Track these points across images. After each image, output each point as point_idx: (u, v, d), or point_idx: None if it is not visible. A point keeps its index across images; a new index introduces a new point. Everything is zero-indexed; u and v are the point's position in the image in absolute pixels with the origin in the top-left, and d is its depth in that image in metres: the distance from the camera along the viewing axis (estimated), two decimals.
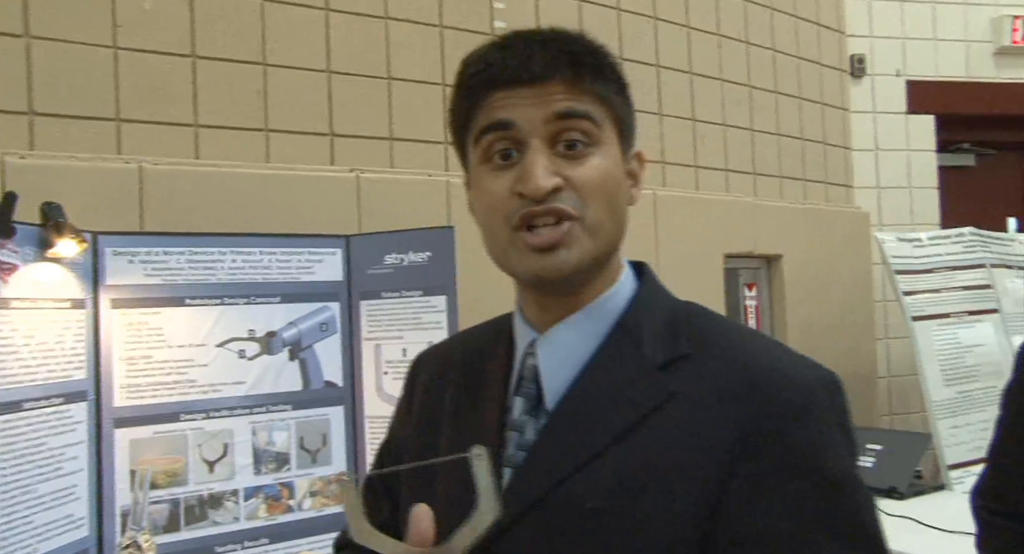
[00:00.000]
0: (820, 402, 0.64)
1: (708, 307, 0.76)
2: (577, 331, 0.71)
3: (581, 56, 0.69)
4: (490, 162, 0.69)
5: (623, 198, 0.72)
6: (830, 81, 3.41)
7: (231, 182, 1.89)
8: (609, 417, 0.66)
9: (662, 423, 0.65)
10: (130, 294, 1.56)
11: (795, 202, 3.21)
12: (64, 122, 1.75)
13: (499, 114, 0.68)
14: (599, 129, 0.69)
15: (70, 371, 1.45)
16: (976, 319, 2.75)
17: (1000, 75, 3.60)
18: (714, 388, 0.65)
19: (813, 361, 0.68)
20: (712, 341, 0.69)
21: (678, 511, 0.62)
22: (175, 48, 1.88)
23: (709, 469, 0.62)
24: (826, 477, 0.62)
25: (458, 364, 0.81)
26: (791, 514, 0.60)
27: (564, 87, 0.67)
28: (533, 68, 0.67)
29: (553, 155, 0.67)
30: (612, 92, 0.71)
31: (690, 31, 2.91)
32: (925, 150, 3.52)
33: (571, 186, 0.67)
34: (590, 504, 0.64)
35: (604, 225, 0.68)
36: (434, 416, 0.80)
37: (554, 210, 0.66)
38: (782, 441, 0.62)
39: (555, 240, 0.66)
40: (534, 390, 0.71)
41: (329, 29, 2.10)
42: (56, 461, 1.40)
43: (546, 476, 0.66)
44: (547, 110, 0.67)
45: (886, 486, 2.35)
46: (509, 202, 0.67)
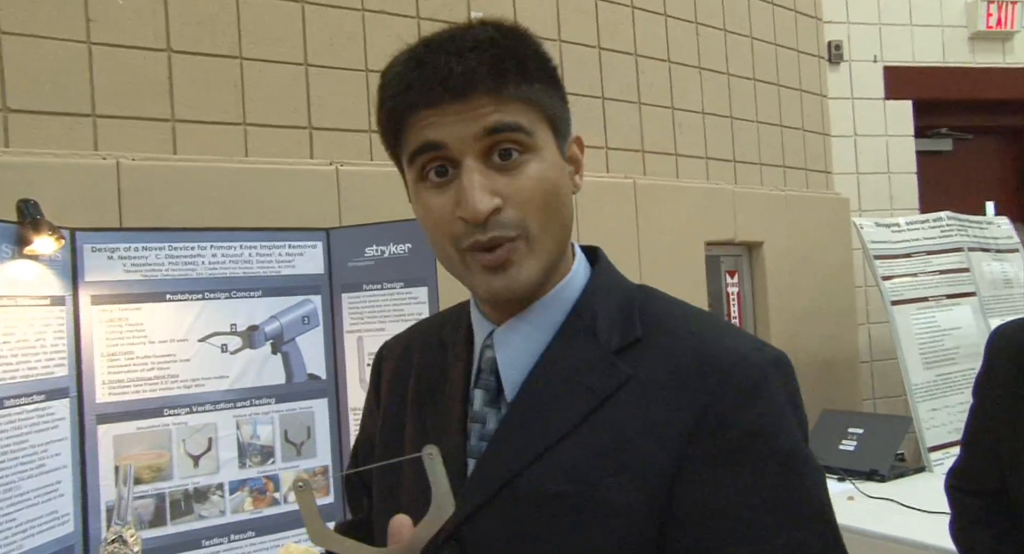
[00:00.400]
0: (771, 381, 0.65)
1: (660, 290, 0.78)
2: (533, 323, 0.72)
3: (502, 61, 0.67)
4: (427, 180, 0.68)
5: (564, 198, 0.70)
6: (808, 68, 3.43)
7: (209, 177, 1.88)
8: (567, 404, 0.68)
9: (619, 407, 0.66)
10: (110, 290, 1.55)
11: (775, 189, 3.24)
12: (39, 118, 1.74)
13: (428, 135, 0.66)
14: (531, 136, 0.67)
15: (51, 368, 1.44)
16: (954, 302, 2.79)
17: (975, 60, 3.64)
18: (667, 370, 0.66)
19: (762, 341, 0.69)
20: (664, 324, 0.70)
21: (637, 493, 0.63)
22: (150, 43, 1.87)
23: (666, 450, 0.63)
24: (778, 455, 0.63)
25: (419, 355, 0.82)
26: (745, 491, 0.61)
27: (488, 98, 0.65)
28: (454, 85, 0.65)
29: (488, 169, 0.66)
30: (540, 91, 0.69)
31: (668, 19, 2.92)
32: (903, 135, 3.55)
33: (510, 203, 0.66)
34: (552, 489, 0.65)
35: (548, 236, 0.68)
36: (399, 408, 0.81)
37: (497, 239, 0.66)
38: (735, 421, 0.63)
39: (504, 258, 0.66)
40: (493, 382, 0.73)
41: (305, 22, 2.10)
42: (39, 458, 1.40)
43: (508, 464, 0.68)
44: (475, 127, 0.65)
45: (867, 469, 2.39)
46: (453, 224, 0.67)
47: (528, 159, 0.67)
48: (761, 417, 0.63)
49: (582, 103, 2.65)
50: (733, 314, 3.16)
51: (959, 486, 1.30)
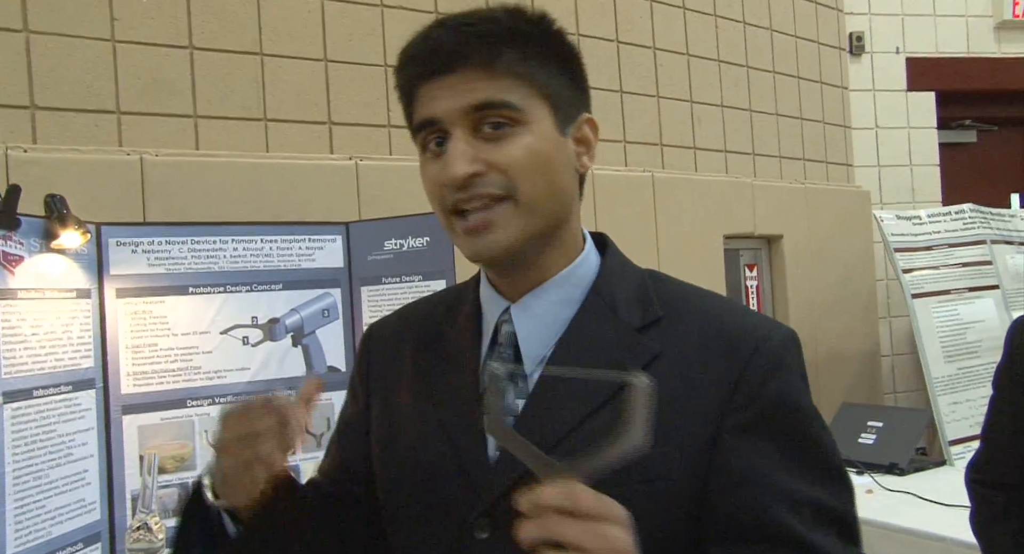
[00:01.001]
0: (790, 356, 0.70)
1: (668, 274, 0.80)
2: (550, 299, 0.74)
3: (497, 35, 0.69)
4: (427, 151, 0.72)
5: (562, 171, 0.72)
6: (829, 60, 3.40)
7: (231, 172, 1.91)
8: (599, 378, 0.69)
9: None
10: (134, 283, 1.58)
11: (795, 182, 3.21)
12: (65, 115, 1.77)
13: (424, 111, 0.71)
14: (521, 112, 0.69)
15: (77, 359, 1.48)
16: (976, 295, 2.76)
17: (1001, 50, 3.58)
18: (695, 347, 0.70)
19: (774, 319, 0.74)
20: (681, 304, 0.74)
21: (677, 462, 0.67)
22: (172, 40, 1.90)
23: (702, 421, 0.68)
24: (802, 422, 0.69)
25: (415, 334, 0.82)
26: (776, 456, 0.67)
27: (479, 72, 0.68)
28: (443, 57, 0.68)
29: (477, 139, 0.69)
30: (537, 67, 0.70)
31: (686, 12, 2.91)
32: (926, 127, 3.51)
33: (495, 169, 0.68)
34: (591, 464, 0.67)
35: (539, 201, 0.69)
36: (396, 386, 0.81)
37: (478, 195, 0.68)
38: (764, 393, 0.68)
39: (481, 223, 0.69)
40: (511, 355, 0.74)
41: (325, 18, 2.12)
42: (66, 447, 1.43)
43: (542, 437, 0.67)
44: (464, 101, 0.68)
45: (887, 462, 2.37)
46: (441, 190, 0.70)
47: (519, 132, 0.69)
48: (786, 388, 0.69)
49: (600, 97, 2.64)
50: (752, 308, 3.15)
51: (980, 479, 1.29)
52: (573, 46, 0.75)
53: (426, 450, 0.74)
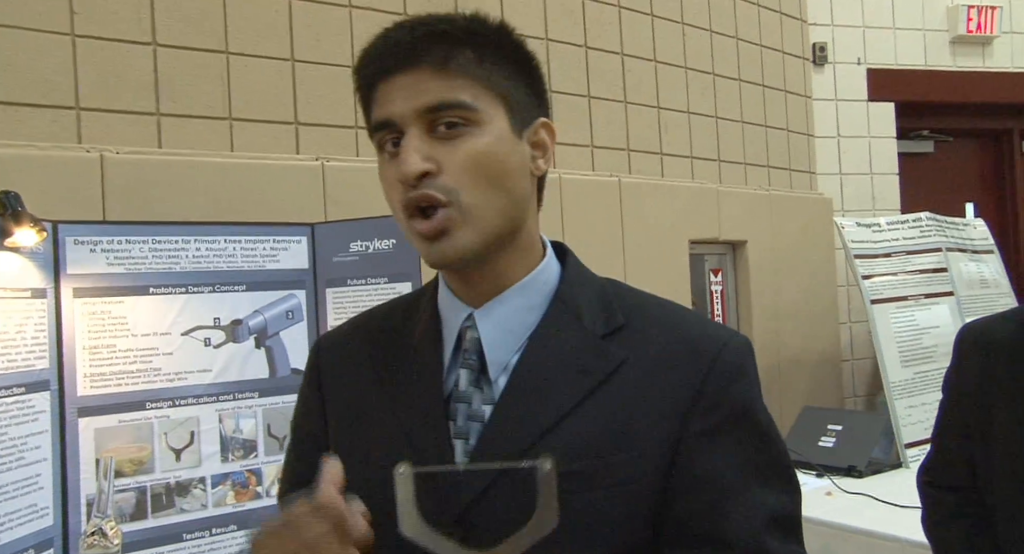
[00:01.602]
0: (748, 363, 0.73)
1: (629, 284, 0.81)
2: (514, 305, 0.74)
3: (452, 36, 0.70)
4: (384, 152, 0.73)
5: (516, 174, 0.72)
6: (792, 69, 3.46)
7: (195, 171, 1.88)
8: (564, 385, 0.70)
9: (618, 387, 0.70)
10: (92, 283, 1.55)
11: (759, 188, 3.26)
12: (22, 110, 1.73)
13: (380, 113, 0.71)
14: (475, 112, 0.69)
15: (31, 361, 1.44)
16: (932, 302, 2.83)
17: (956, 63, 3.68)
18: (658, 354, 0.72)
19: (728, 326, 0.75)
20: (641, 312, 0.75)
21: (643, 466, 0.69)
22: (135, 36, 1.87)
23: (666, 427, 0.69)
24: (759, 426, 0.72)
25: (371, 345, 0.81)
26: (734, 458, 0.69)
27: (433, 72, 0.69)
28: (398, 56, 0.69)
29: (431, 138, 0.69)
30: (493, 69, 0.71)
31: (654, 19, 2.94)
32: (886, 137, 3.60)
33: (445, 171, 0.68)
34: (564, 467, 0.66)
35: (484, 207, 0.69)
36: (354, 397, 0.80)
37: (424, 196, 0.68)
38: (726, 398, 0.71)
39: (435, 229, 0.69)
40: (476, 361, 0.74)
41: (292, 17, 2.10)
42: (18, 451, 1.39)
43: (511, 444, 0.69)
44: (418, 102, 0.69)
45: (845, 465, 2.42)
46: (396, 189, 0.70)
47: (472, 132, 0.69)
48: (745, 394, 0.72)
49: (568, 102, 2.66)
50: (717, 312, 3.18)
51: (931, 481, 1.31)
52: (530, 52, 0.76)
53: (389, 460, 0.71)
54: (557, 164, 2.61)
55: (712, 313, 3.17)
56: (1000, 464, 1.16)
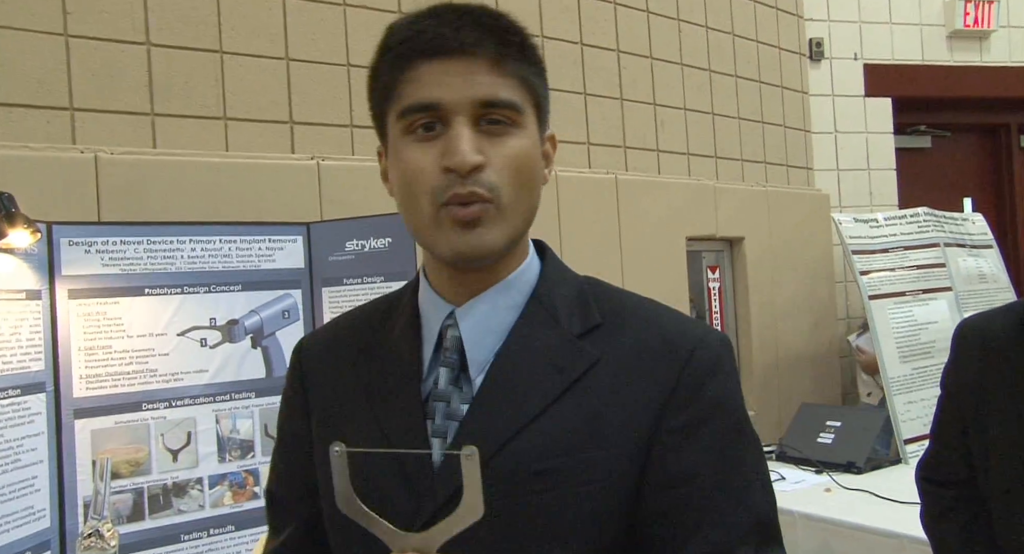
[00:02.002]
0: (725, 359, 0.73)
1: (609, 282, 0.81)
2: (495, 303, 0.74)
3: (507, 33, 0.70)
4: (412, 134, 0.69)
5: (537, 179, 0.73)
6: (789, 65, 3.45)
7: (190, 171, 1.87)
8: (540, 383, 0.70)
9: (592, 386, 0.70)
10: (87, 284, 1.55)
11: (756, 185, 3.26)
12: (16, 111, 1.72)
13: (426, 93, 0.67)
14: (521, 114, 0.70)
15: (27, 362, 1.44)
16: (930, 297, 2.82)
17: (953, 58, 3.68)
18: (633, 352, 0.72)
19: (707, 324, 0.74)
20: (618, 310, 0.75)
21: (617, 463, 0.68)
22: (129, 36, 1.86)
23: (640, 424, 0.69)
24: (734, 422, 0.71)
25: (351, 345, 0.81)
26: (709, 453, 0.69)
27: (489, 64, 0.68)
28: (463, 38, 0.67)
29: (477, 131, 0.68)
30: (533, 74, 0.71)
31: (650, 15, 2.93)
32: (883, 132, 3.59)
33: (491, 166, 0.68)
34: (535, 466, 0.67)
35: (518, 208, 0.70)
36: (335, 399, 0.79)
37: (474, 194, 0.67)
38: (700, 395, 0.70)
39: (477, 215, 0.67)
40: (456, 360, 0.73)
41: (287, 16, 2.09)
42: (14, 453, 1.39)
43: (486, 442, 0.68)
44: (472, 93, 0.67)
45: (844, 461, 2.42)
46: (435, 177, 0.67)
47: (515, 132, 0.69)
48: (721, 390, 0.71)
49: (564, 99, 2.65)
50: (714, 309, 3.18)
51: (928, 477, 1.32)
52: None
53: (369, 460, 0.71)
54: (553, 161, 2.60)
55: (710, 310, 3.17)
56: (997, 457, 1.17)
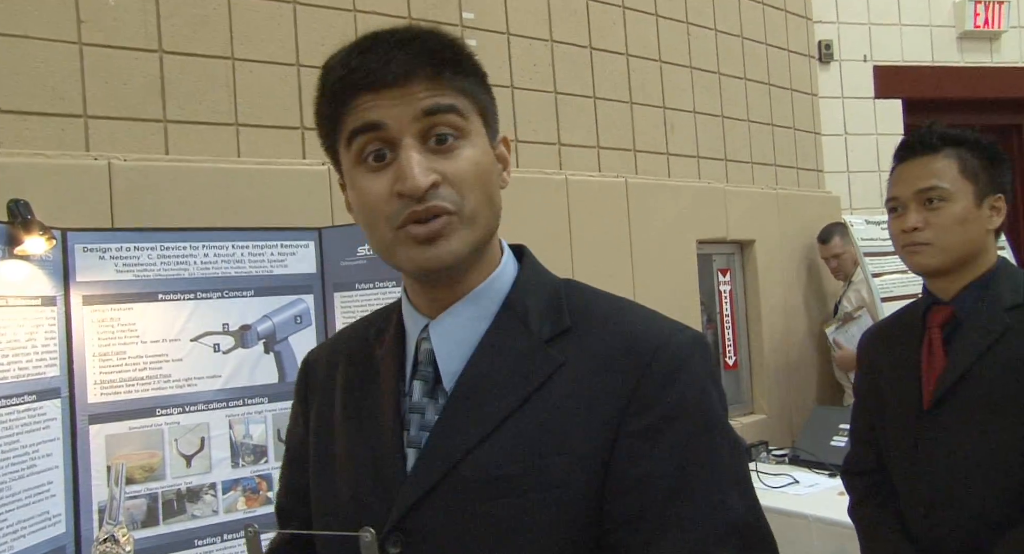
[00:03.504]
0: (693, 360, 0.70)
1: (585, 283, 0.81)
2: (467, 315, 0.75)
3: (440, 52, 0.71)
4: (364, 164, 0.70)
5: (495, 186, 0.74)
6: (798, 67, 3.45)
7: (202, 177, 1.88)
8: (504, 391, 0.71)
9: (554, 392, 0.70)
10: (101, 290, 1.55)
11: (766, 187, 3.25)
12: (31, 119, 1.74)
13: (367, 116, 0.69)
14: (466, 121, 0.71)
15: (42, 368, 1.44)
16: None
17: (964, 59, 3.66)
18: (597, 356, 0.71)
19: (681, 323, 0.74)
20: (591, 313, 0.75)
21: (578, 468, 0.68)
22: (141, 43, 1.87)
23: (602, 428, 0.69)
24: (701, 425, 0.69)
25: (347, 356, 0.83)
26: (673, 458, 0.67)
27: (426, 84, 0.69)
28: (394, 70, 0.68)
29: (426, 151, 0.69)
30: (473, 84, 0.73)
31: (659, 19, 2.94)
32: (893, 134, 3.58)
33: (447, 181, 0.69)
34: (497, 472, 0.68)
35: (481, 214, 0.71)
36: (330, 412, 0.81)
37: (434, 208, 0.68)
38: (663, 398, 0.68)
39: (436, 231, 0.69)
40: (431, 373, 0.75)
41: (297, 22, 2.10)
42: (30, 458, 1.39)
43: (451, 451, 0.70)
44: (413, 107, 0.68)
45: None
46: (391, 203, 0.69)
47: (463, 144, 0.70)
48: (685, 392, 0.69)
49: (574, 103, 2.65)
50: (725, 312, 3.17)
51: (847, 470, 1.43)
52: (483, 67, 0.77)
53: (352, 472, 0.75)
54: (563, 165, 2.61)
55: (721, 313, 3.16)
56: (889, 438, 1.30)
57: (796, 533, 2.08)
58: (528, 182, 2.44)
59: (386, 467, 0.73)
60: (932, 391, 1.23)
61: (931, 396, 1.23)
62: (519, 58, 2.49)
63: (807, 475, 2.41)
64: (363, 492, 0.74)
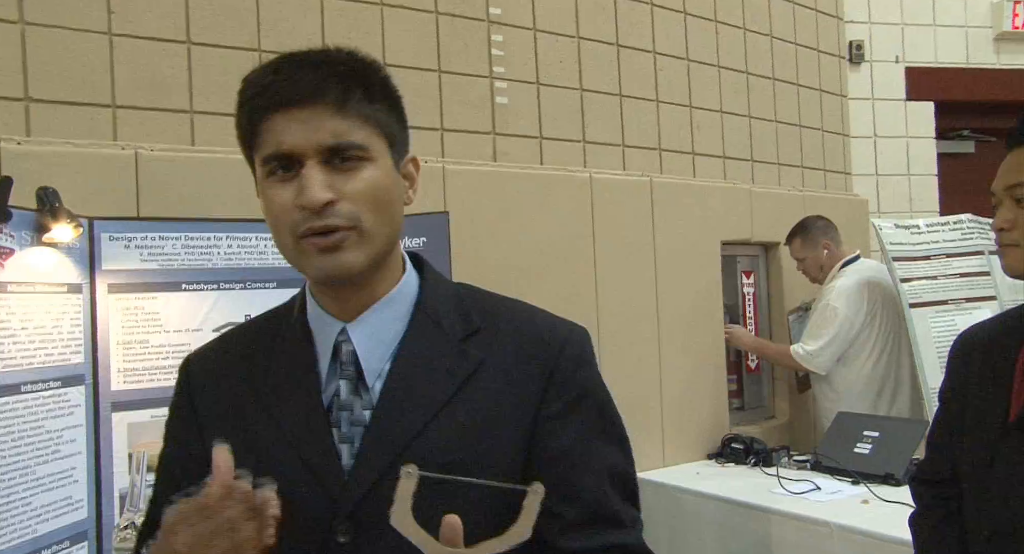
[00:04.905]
0: (587, 350, 0.85)
1: (477, 286, 0.89)
2: (383, 317, 0.82)
3: (349, 77, 0.76)
4: (274, 175, 0.76)
5: (395, 204, 0.80)
6: (828, 68, 3.40)
7: (227, 168, 1.89)
8: (433, 386, 0.79)
9: (480, 385, 0.80)
10: (126, 279, 1.57)
11: (793, 189, 3.21)
12: (60, 108, 1.75)
13: (277, 145, 0.75)
14: (367, 150, 0.76)
15: (67, 355, 1.46)
16: (974, 306, 2.75)
17: (1000, 61, 3.59)
18: (511, 351, 0.82)
19: (570, 320, 0.86)
20: (494, 314, 0.85)
21: (508, 450, 0.79)
22: (170, 34, 1.89)
23: (524, 414, 0.80)
24: (600, 404, 0.84)
25: (241, 363, 0.85)
26: (581, 431, 0.81)
27: (333, 109, 0.75)
28: (302, 91, 0.74)
29: (329, 169, 0.75)
30: (380, 110, 0.78)
31: (687, 17, 2.91)
32: (924, 137, 3.52)
33: (345, 198, 0.75)
34: (440, 459, 0.75)
35: (378, 230, 0.77)
36: (231, 413, 0.83)
37: (330, 226, 0.74)
38: (571, 383, 0.82)
39: (333, 244, 0.75)
40: (353, 371, 0.80)
41: (324, 14, 2.10)
42: (54, 444, 1.41)
43: (392, 443, 0.77)
44: (318, 139, 0.74)
45: (882, 472, 2.36)
46: (292, 213, 0.75)
47: (364, 165, 0.76)
48: (588, 378, 0.84)
49: (599, 100, 2.64)
50: (749, 314, 3.14)
51: (916, 477, 1.35)
52: (398, 90, 0.83)
53: (276, 469, 0.76)
54: (588, 163, 2.59)
55: (744, 315, 3.12)
56: (966, 450, 1.20)
57: (818, 540, 2.05)
58: (552, 179, 2.42)
59: (319, 463, 0.77)
60: (1021, 405, 1.11)
61: (1018, 410, 1.11)
62: (545, 54, 2.47)
63: (829, 481, 2.37)
64: (292, 489, 0.75)
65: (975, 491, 1.17)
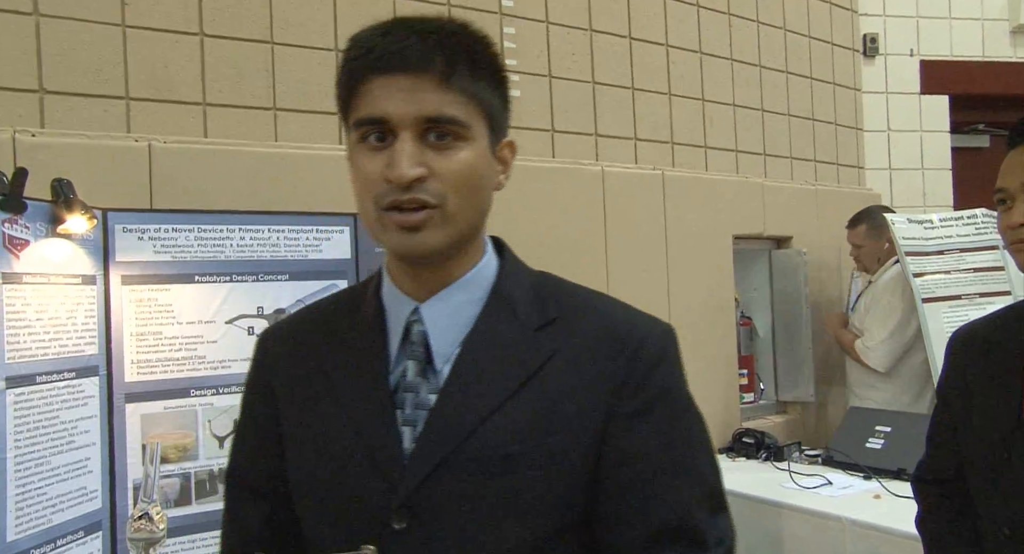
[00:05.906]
0: (670, 349, 0.80)
1: (558, 276, 0.86)
2: (457, 299, 0.79)
3: (456, 50, 0.73)
4: (365, 142, 0.74)
5: (486, 188, 0.78)
6: (842, 61, 3.37)
7: (239, 161, 1.89)
8: (503, 374, 0.77)
9: (550, 376, 0.77)
10: (140, 271, 1.57)
11: (805, 183, 3.19)
12: (74, 100, 1.76)
13: (373, 108, 0.73)
14: (466, 129, 0.74)
15: (82, 346, 1.46)
16: (987, 301, 2.73)
17: (1017, 54, 3.55)
18: (587, 344, 0.78)
19: (655, 316, 0.82)
20: (573, 305, 0.82)
21: (575, 446, 0.75)
22: (183, 27, 1.89)
23: (594, 411, 0.76)
24: (681, 406, 0.79)
25: (315, 338, 0.84)
26: (660, 435, 0.77)
27: (436, 81, 0.72)
28: (409, 58, 0.72)
29: (423, 145, 0.73)
30: (484, 87, 0.76)
31: (700, 10, 2.89)
32: (938, 131, 3.49)
33: (435, 176, 0.72)
34: (502, 450, 0.73)
35: (462, 214, 0.75)
36: (304, 390, 0.82)
37: (416, 200, 0.72)
38: (649, 382, 0.77)
39: (415, 222, 0.73)
40: (422, 353, 0.78)
41: (337, 8, 2.10)
42: (69, 434, 1.42)
43: (456, 429, 0.75)
44: (418, 109, 0.72)
45: (895, 468, 2.35)
46: (379, 184, 0.73)
47: (460, 146, 0.74)
48: (667, 377, 0.79)
49: (612, 93, 2.62)
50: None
51: (920, 477, 1.33)
52: (506, 69, 0.80)
53: (336, 447, 0.77)
54: (600, 156, 2.58)
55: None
56: (975, 448, 1.19)
57: (829, 535, 2.04)
58: (564, 172, 2.41)
59: (380, 445, 0.76)
60: None
61: None
62: (558, 47, 2.46)
63: (841, 476, 2.36)
64: (351, 470, 0.75)
65: (989, 489, 1.15)
